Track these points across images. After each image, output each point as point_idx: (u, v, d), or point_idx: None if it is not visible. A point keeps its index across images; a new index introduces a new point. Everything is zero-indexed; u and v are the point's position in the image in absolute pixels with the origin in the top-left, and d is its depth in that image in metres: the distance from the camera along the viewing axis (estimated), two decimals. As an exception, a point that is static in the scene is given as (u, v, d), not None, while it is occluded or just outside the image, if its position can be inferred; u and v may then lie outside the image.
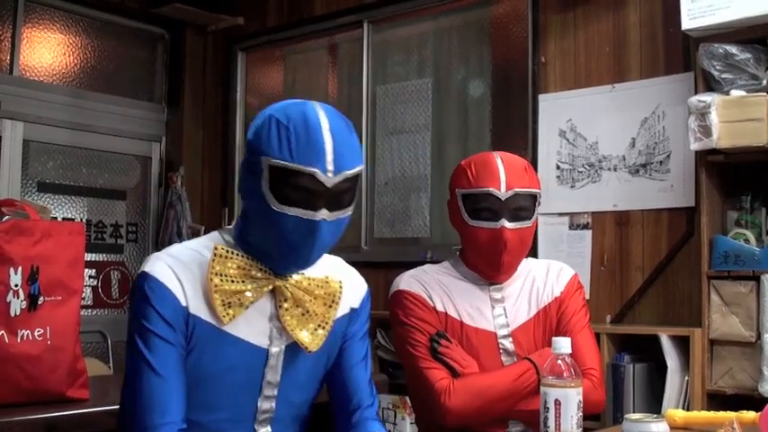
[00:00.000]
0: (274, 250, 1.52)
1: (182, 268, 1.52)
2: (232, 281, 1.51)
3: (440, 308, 2.02)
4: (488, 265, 2.02)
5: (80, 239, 1.97)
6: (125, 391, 1.53)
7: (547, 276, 2.11)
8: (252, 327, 1.55)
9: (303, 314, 1.57)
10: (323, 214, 1.47)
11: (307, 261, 1.55)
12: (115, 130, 4.73)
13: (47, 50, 4.59)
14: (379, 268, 4.26)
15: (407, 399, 3.67)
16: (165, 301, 1.49)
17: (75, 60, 4.71)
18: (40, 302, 1.84)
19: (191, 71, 5.04)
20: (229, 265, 1.52)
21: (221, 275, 1.51)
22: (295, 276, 1.58)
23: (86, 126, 4.63)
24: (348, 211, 1.53)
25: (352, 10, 4.48)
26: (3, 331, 1.80)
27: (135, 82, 5.00)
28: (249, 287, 1.53)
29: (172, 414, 1.46)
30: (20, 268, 1.83)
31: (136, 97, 4.95)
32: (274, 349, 1.58)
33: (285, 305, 1.56)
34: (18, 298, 1.82)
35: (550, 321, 2.07)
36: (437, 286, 2.04)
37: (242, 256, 1.53)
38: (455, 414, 1.89)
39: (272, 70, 5.06)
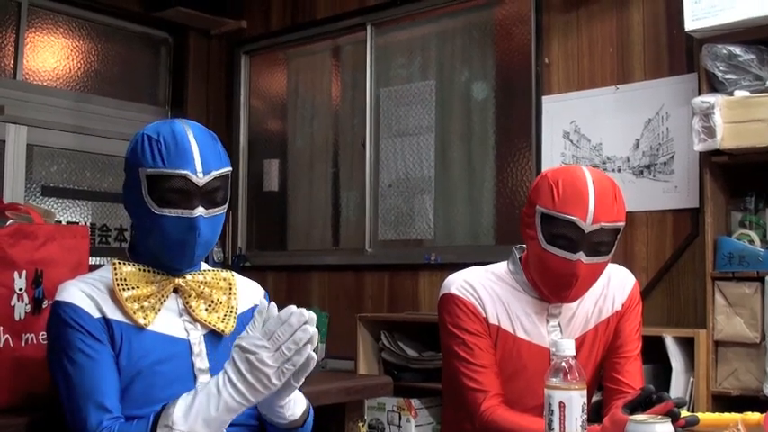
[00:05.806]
0: (163, 252, 1.67)
1: (89, 286, 1.66)
2: (137, 287, 1.65)
3: (492, 320, 1.93)
4: (552, 293, 1.91)
5: (84, 243, 1.97)
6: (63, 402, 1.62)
7: (608, 286, 2.00)
8: (167, 323, 1.69)
9: (210, 305, 1.73)
10: (199, 211, 1.64)
11: (192, 258, 1.69)
12: (119, 133, 4.71)
13: (50, 55, 4.60)
14: (383, 270, 4.28)
15: (412, 401, 3.67)
16: (83, 317, 1.62)
17: (79, 65, 4.72)
18: (44, 306, 1.84)
19: (194, 75, 5.04)
20: (130, 271, 1.67)
21: (125, 283, 1.65)
22: (188, 276, 1.72)
23: (90, 130, 4.64)
24: (223, 209, 1.70)
25: (355, 13, 4.48)
26: (7, 335, 1.80)
27: (138, 86, 5.00)
28: (154, 289, 1.67)
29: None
30: (24, 272, 1.83)
31: (139, 101, 4.94)
32: (194, 338, 1.70)
33: (191, 300, 1.71)
34: (22, 302, 1.82)
35: (607, 336, 1.99)
36: (491, 297, 1.95)
37: (138, 265, 1.69)
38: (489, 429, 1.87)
39: (275, 73, 5.06)
